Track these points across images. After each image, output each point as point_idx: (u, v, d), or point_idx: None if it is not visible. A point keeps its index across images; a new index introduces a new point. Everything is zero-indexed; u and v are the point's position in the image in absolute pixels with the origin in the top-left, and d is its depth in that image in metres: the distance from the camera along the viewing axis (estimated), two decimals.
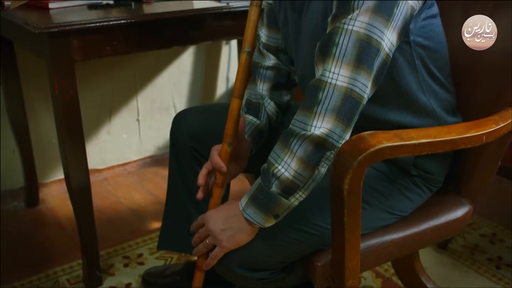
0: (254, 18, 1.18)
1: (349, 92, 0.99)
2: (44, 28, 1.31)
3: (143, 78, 2.38)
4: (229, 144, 1.19)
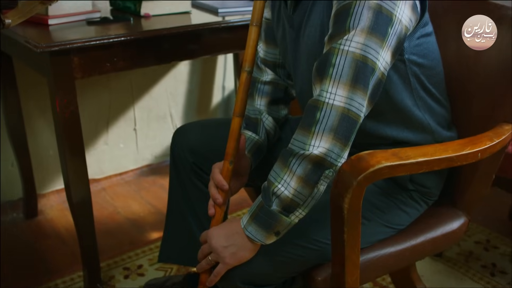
0: (254, 37, 1.20)
1: (346, 112, 1.02)
2: (46, 47, 1.33)
3: (140, 88, 2.40)
4: (230, 162, 1.21)
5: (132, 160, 2.51)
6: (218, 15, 1.79)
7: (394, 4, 1.04)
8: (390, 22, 1.04)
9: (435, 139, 1.25)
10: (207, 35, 1.63)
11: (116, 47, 1.45)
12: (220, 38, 1.68)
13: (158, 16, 1.73)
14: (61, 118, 1.42)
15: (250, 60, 1.21)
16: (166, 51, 1.58)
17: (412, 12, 1.10)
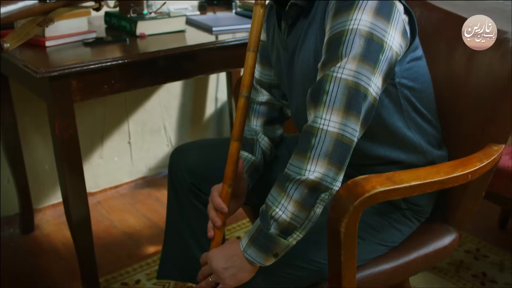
0: (251, 64, 1.23)
1: (340, 137, 1.05)
2: (45, 72, 1.35)
3: (134, 102, 2.43)
4: (229, 185, 1.24)
5: (126, 173, 2.54)
6: (212, 33, 1.82)
7: (384, 32, 1.08)
8: (381, 49, 1.07)
9: (426, 158, 1.29)
10: (202, 55, 1.66)
11: (114, 70, 1.48)
12: (215, 58, 1.71)
13: (153, 35, 1.75)
14: (60, 140, 1.45)
15: (248, 85, 1.24)
16: (163, 72, 1.61)
17: (402, 38, 1.14)
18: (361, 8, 1.07)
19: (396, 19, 1.11)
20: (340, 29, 1.07)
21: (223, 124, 2.79)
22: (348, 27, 1.06)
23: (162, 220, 2.24)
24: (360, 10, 1.06)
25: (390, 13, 1.09)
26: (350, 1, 1.08)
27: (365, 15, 1.06)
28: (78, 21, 1.69)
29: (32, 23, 1.58)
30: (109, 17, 1.89)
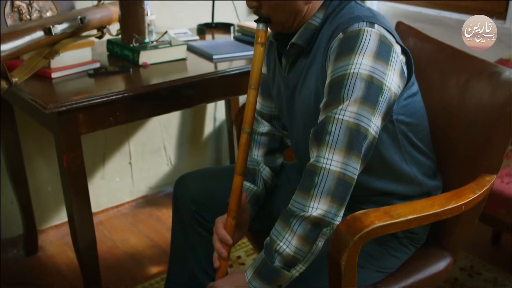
0: (253, 101, 1.28)
1: (342, 176, 1.11)
2: (54, 108, 1.40)
3: (134, 123, 2.47)
4: (233, 218, 1.29)
5: (127, 193, 2.58)
6: (212, 61, 1.87)
7: (384, 74, 1.14)
8: (380, 91, 1.13)
9: (422, 189, 1.35)
10: (203, 85, 1.71)
11: (119, 102, 1.53)
12: (215, 87, 1.76)
13: (155, 64, 1.80)
14: (68, 172, 1.49)
15: (250, 122, 1.29)
16: (166, 102, 1.66)
17: (400, 79, 1.20)
18: (361, 52, 1.12)
19: (395, 61, 1.17)
20: (341, 73, 1.12)
21: (221, 142, 2.84)
22: (350, 71, 1.12)
23: (163, 240, 2.30)
24: (361, 54, 1.12)
25: (389, 55, 1.15)
26: (351, 45, 1.13)
27: (365, 59, 1.12)
28: (82, 51, 1.74)
29: (39, 56, 1.64)
30: (111, 45, 1.93)
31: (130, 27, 1.85)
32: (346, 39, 1.15)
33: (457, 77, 1.49)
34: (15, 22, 1.92)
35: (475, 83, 1.44)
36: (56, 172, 2.21)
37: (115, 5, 2.01)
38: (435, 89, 1.55)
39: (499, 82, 1.37)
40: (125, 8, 1.85)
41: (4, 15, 1.89)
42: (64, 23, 1.68)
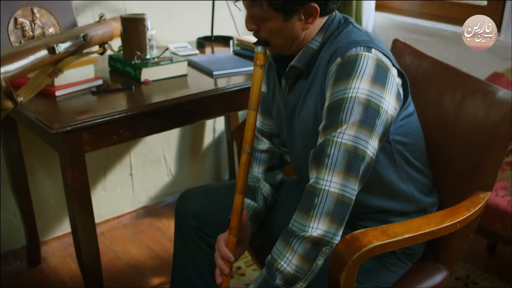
0: (252, 122, 1.32)
1: (340, 197, 1.15)
2: (59, 128, 1.43)
3: None
4: (235, 236, 1.33)
5: (128, 203, 2.61)
6: (212, 77, 1.90)
7: (381, 97, 1.17)
8: (377, 114, 1.17)
9: (418, 206, 1.39)
10: (203, 102, 1.74)
11: (122, 121, 1.56)
12: (216, 103, 1.80)
13: (157, 81, 1.84)
14: (72, 189, 1.52)
15: (250, 142, 1.33)
16: (167, 119, 1.70)
17: (397, 101, 1.24)
18: (359, 76, 1.16)
19: (391, 84, 1.20)
20: (340, 97, 1.16)
21: (221, 153, 2.88)
22: (348, 95, 1.15)
23: (164, 251, 2.33)
24: (358, 79, 1.16)
25: (386, 79, 1.19)
26: (349, 70, 1.17)
27: (362, 83, 1.16)
28: (85, 69, 1.77)
29: (43, 74, 1.67)
30: (113, 61, 1.97)
31: (132, 44, 1.88)
32: (344, 63, 1.19)
33: (452, 94, 1.52)
34: (18, 39, 1.95)
35: (470, 101, 1.47)
36: (58, 184, 2.26)
37: (116, 21, 2.05)
38: (431, 106, 1.58)
39: (493, 101, 1.40)
40: (127, 25, 1.88)
41: (8, 32, 1.93)
42: (67, 42, 1.72)
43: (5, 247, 2.29)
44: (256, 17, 1.25)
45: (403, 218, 1.37)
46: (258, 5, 1.22)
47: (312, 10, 1.23)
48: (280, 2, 1.19)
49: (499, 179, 1.90)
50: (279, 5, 1.20)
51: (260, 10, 1.23)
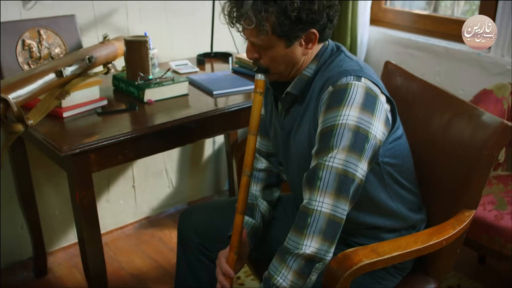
0: (252, 146, 1.40)
1: (332, 217, 1.24)
2: (68, 150, 1.51)
3: None
4: (235, 253, 1.42)
5: (131, 214, 2.70)
6: (213, 97, 1.99)
7: (370, 124, 1.26)
8: (366, 139, 1.25)
9: (407, 223, 1.47)
10: (204, 122, 1.82)
11: (127, 142, 1.64)
12: (216, 123, 1.88)
13: (159, 101, 1.92)
14: (80, 207, 1.60)
15: (250, 165, 1.41)
16: (170, 139, 1.78)
17: (385, 126, 1.32)
18: (349, 104, 1.25)
19: (380, 111, 1.29)
20: (331, 123, 1.25)
21: (220, 165, 2.96)
22: (338, 121, 1.24)
23: (166, 261, 2.41)
24: (348, 106, 1.24)
25: (374, 106, 1.28)
26: (339, 98, 1.26)
27: (352, 110, 1.24)
28: (90, 90, 1.85)
29: (51, 97, 1.76)
30: (117, 81, 2.05)
31: (135, 65, 1.96)
32: (335, 92, 1.27)
33: (440, 115, 1.60)
34: (26, 60, 2.04)
35: (457, 122, 1.55)
36: (63, 197, 2.34)
37: (119, 41, 2.13)
38: (421, 125, 1.66)
39: (478, 124, 1.48)
40: (130, 47, 1.96)
41: (16, 54, 2.01)
42: (73, 65, 1.80)
43: (13, 258, 2.37)
44: (259, 45, 1.34)
45: (393, 234, 1.46)
46: (263, 34, 1.29)
47: (312, 35, 1.32)
48: (284, 29, 1.28)
49: (486, 193, 1.99)
50: (284, 32, 1.28)
51: (264, 39, 1.30)
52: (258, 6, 1.25)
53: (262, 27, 1.27)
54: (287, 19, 1.25)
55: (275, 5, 1.25)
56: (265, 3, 1.25)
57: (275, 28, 1.27)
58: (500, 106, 2.18)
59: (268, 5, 1.25)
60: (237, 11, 1.31)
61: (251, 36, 1.33)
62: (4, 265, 2.35)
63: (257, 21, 1.26)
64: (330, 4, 1.30)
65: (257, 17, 1.26)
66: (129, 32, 2.39)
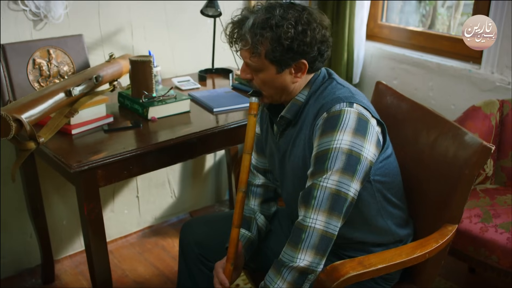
0: (247, 164, 1.51)
1: (324, 233, 1.34)
2: (77, 167, 1.62)
3: None
4: (231, 264, 1.52)
5: (135, 224, 2.80)
6: (213, 113, 2.09)
7: (361, 147, 1.37)
8: (358, 161, 1.36)
9: (394, 238, 1.57)
10: (205, 138, 1.93)
11: (132, 158, 1.75)
12: (216, 139, 1.98)
13: (163, 118, 2.03)
14: (88, 220, 1.71)
15: (245, 182, 1.52)
16: (173, 155, 1.88)
17: (376, 148, 1.42)
18: (342, 129, 1.35)
19: (371, 134, 1.39)
20: (326, 147, 1.36)
21: (221, 175, 3.07)
22: (333, 146, 1.35)
23: (168, 269, 2.52)
24: (342, 131, 1.35)
25: (366, 130, 1.38)
26: (333, 124, 1.36)
27: (345, 135, 1.35)
28: (97, 108, 1.96)
29: (60, 115, 1.86)
30: (122, 98, 2.16)
31: (139, 84, 2.07)
32: (329, 118, 1.38)
33: (427, 133, 1.70)
34: (36, 78, 2.15)
35: (442, 141, 1.65)
36: (70, 207, 2.45)
37: (124, 59, 2.25)
38: (409, 143, 1.76)
39: (461, 143, 1.57)
40: (135, 67, 2.07)
41: (27, 72, 2.12)
42: (82, 84, 1.91)
43: (22, 265, 2.48)
44: (252, 66, 1.44)
45: (381, 248, 1.56)
46: (256, 56, 1.41)
47: (302, 65, 1.43)
48: (276, 55, 1.39)
49: (473, 206, 2.08)
50: (275, 58, 1.39)
51: (257, 61, 1.42)
52: (255, 29, 1.37)
53: (256, 50, 1.38)
54: (279, 46, 1.36)
55: (271, 32, 1.36)
56: (262, 28, 1.36)
57: (268, 53, 1.38)
58: (488, 123, 2.27)
59: (265, 30, 1.36)
60: (237, 32, 1.42)
61: (246, 57, 1.43)
62: (14, 272, 2.46)
63: (252, 43, 1.38)
64: (323, 40, 1.41)
65: (253, 39, 1.37)
66: (134, 50, 2.50)
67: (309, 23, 1.38)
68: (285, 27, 1.35)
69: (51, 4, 2.18)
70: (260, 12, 1.39)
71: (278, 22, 1.35)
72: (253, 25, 1.37)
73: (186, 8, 2.61)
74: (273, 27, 1.36)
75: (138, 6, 2.46)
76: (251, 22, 1.38)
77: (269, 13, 1.37)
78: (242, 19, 1.41)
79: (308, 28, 1.37)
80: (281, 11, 1.37)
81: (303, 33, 1.36)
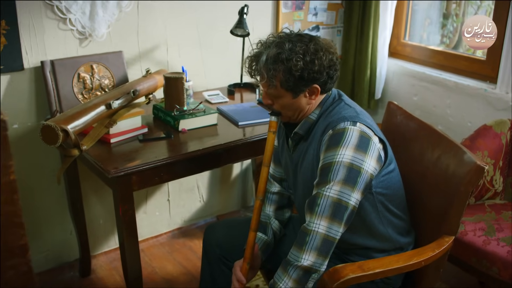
0: (265, 175, 1.70)
1: (326, 237, 1.52)
2: (115, 173, 1.83)
3: None
4: (248, 263, 1.71)
5: (165, 225, 3.02)
6: (239, 126, 2.29)
7: (362, 161, 1.53)
8: (359, 174, 1.53)
9: (395, 245, 1.73)
10: (231, 149, 2.13)
11: (163, 166, 1.96)
12: (241, 150, 2.18)
13: (192, 129, 2.23)
14: (123, 220, 1.92)
15: (262, 191, 1.71)
16: (200, 165, 2.09)
17: (377, 163, 1.59)
18: (345, 145, 1.53)
19: (372, 150, 1.56)
20: (330, 160, 1.53)
21: (247, 182, 3.26)
22: (335, 159, 1.52)
23: (194, 268, 2.72)
24: (344, 147, 1.53)
25: (367, 146, 1.55)
26: (337, 140, 1.54)
27: (348, 150, 1.52)
28: (134, 119, 2.18)
29: (101, 125, 2.08)
30: (156, 111, 2.37)
31: (172, 98, 2.28)
32: (334, 135, 1.56)
33: (431, 151, 1.85)
34: (80, 90, 2.38)
35: (444, 159, 1.79)
36: (107, 207, 2.68)
37: (159, 74, 2.46)
38: (415, 160, 1.91)
39: (460, 161, 1.72)
40: (169, 83, 2.28)
41: (72, 85, 2.36)
42: (120, 98, 2.13)
43: (62, 259, 2.72)
44: (271, 94, 1.63)
45: (382, 254, 1.71)
46: (272, 87, 1.60)
47: (314, 89, 1.61)
48: (289, 84, 1.57)
49: (479, 220, 2.22)
50: (289, 87, 1.58)
51: (274, 90, 1.61)
52: (268, 65, 1.55)
53: (271, 82, 1.57)
54: (292, 77, 1.55)
55: (282, 65, 1.54)
56: (275, 62, 1.55)
57: (283, 83, 1.57)
58: (498, 141, 2.40)
59: (277, 65, 1.54)
60: (254, 66, 1.61)
61: (265, 87, 1.62)
62: (55, 264, 2.70)
63: (268, 77, 1.56)
64: (330, 64, 1.59)
65: (268, 74, 1.56)
66: (169, 65, 2.72)
67: (316, 52, 1.55)
68: (294, 60, 1.53)
69: (96, 24, 2.41)
70: (272, 47, 1.57)
71: (288, 56, 1.53)
72: (266, 60, 1.56)
73: (217, 28, 2.82)
74: (284, 61, 1.54)
75: (173, 26, 2.68)
76: (264, 57, 1.56)
77: (280, 48, 1.55)
78: (257, 55, 1.60)
79: (315, 57, 1.55)
80: (290, 45, 1.55)
81: (311, 62, 1.54)
